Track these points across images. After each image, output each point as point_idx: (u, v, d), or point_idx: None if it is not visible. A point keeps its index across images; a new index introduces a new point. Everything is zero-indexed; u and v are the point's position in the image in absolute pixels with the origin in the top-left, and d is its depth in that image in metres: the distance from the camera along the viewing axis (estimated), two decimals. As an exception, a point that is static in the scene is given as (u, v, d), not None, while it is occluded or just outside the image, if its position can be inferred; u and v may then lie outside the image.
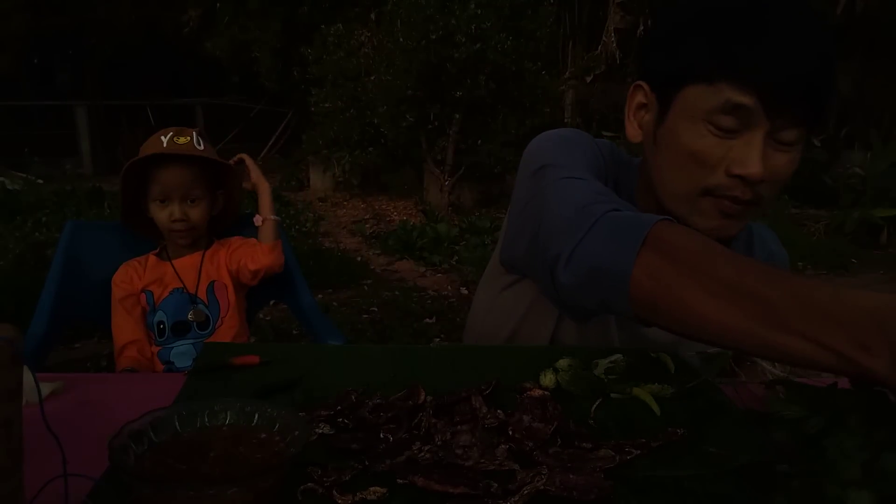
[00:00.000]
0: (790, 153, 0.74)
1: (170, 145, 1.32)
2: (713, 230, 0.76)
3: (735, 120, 0.71)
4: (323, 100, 7.41)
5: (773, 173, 0.73)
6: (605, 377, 0.74)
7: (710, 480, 0.56)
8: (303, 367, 0.80)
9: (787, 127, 0.71)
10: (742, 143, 0.72)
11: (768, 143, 0.72)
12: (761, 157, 0.71)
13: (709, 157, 0.73)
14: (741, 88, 0.70)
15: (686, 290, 0.58)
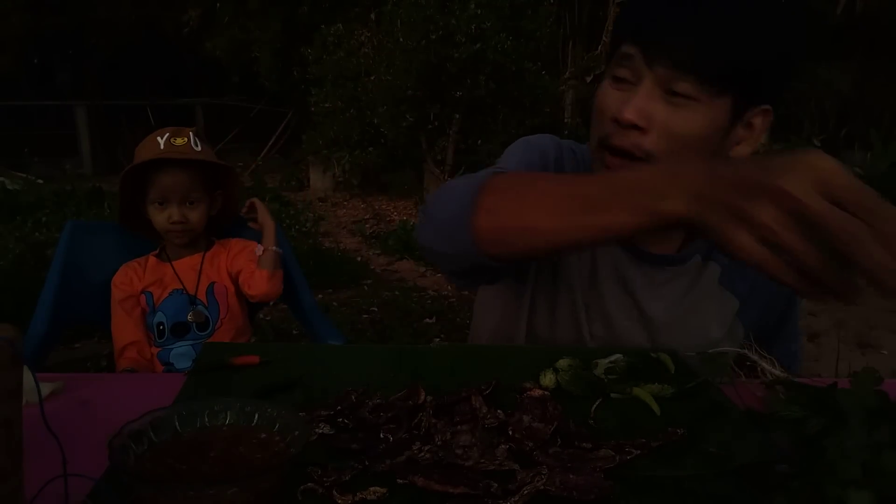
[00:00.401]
0: (685, 108, 0.73)
1: (167, 147, 1.31)
2: None
3: (627, 70, 0.75)
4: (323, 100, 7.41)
5: (662, 125, 0.73)
6: (605, 377, 0.74)
7: (710, 480, 0.56)
8: (303, 367, 0.80)
9: (676, 78, 0.72)
10: (631, 92, 0.75)
11: (660, 95, 0.74)
12: (638, 104, 0.73)
13: (606, 107, 0.77)
14: (630, 41, 0.75)
15: (520, 212, 0.65)
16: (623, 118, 0.74)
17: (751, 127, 0.80)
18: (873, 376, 0.64)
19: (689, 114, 0.73)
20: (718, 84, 0.72)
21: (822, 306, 3.84)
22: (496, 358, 0.84)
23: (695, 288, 0.92)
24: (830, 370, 2.72)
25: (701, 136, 0.75)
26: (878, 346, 3.26)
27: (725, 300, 0.93)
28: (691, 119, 0.74)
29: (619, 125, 0.75)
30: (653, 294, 0.92)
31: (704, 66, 0.71)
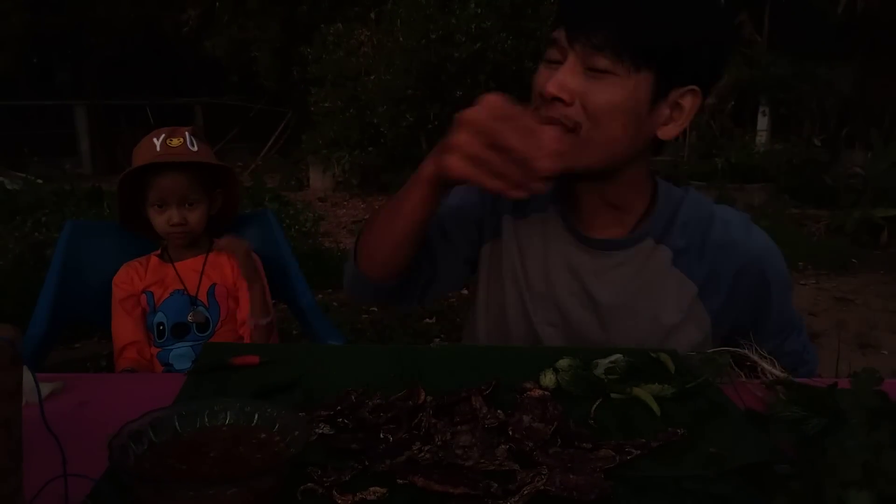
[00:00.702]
0: (603, 81, 0.78)
1: (163, 148, 1.31)
2: None
3: (555, 51, 0.82)
4: (323, 99, 7.41)
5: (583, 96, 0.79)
6: (605, 377, 0.74)
7: (710, 480, 0.56)
8: (303, 367, 0.80)
9: (592, 53, 0.78)
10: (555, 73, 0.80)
11: (581, 71, 0.79)
12: (559, 79, 0.79)
13: (538, 86, 0.83)
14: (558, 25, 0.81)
15: (371, 233, 0.89)
16: (546, 92, 0.79)
17: (679, 107, 0.84)
18: (873, 376, 0.64)
19: (607, 86, 0.78)
20: (633, 60, 0.78)
21: (822, 307, 3.84)
22: (496, 358, 0.84)
23: (644, 271, 0.92)
24: (830, 370, 2.72)
25: (621, 108, 0.79)
26: (878, 346, 3.26)
27: (681, 284, 0.91)
28: (609, 91, 0.78)
29: (545, 99, 0.80)
30: (601, 279, 0.93)
31: (618, 44, 0.77)
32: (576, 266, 0.94)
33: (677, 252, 0.91)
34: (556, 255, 0.95)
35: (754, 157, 7.03)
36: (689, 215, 0.92)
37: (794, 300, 1.01)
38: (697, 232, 0.91)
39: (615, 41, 0.77)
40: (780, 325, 0.96)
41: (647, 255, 0.92)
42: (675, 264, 0.91)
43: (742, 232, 0.92)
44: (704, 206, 0.94)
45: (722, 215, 0.94)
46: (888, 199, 5.41)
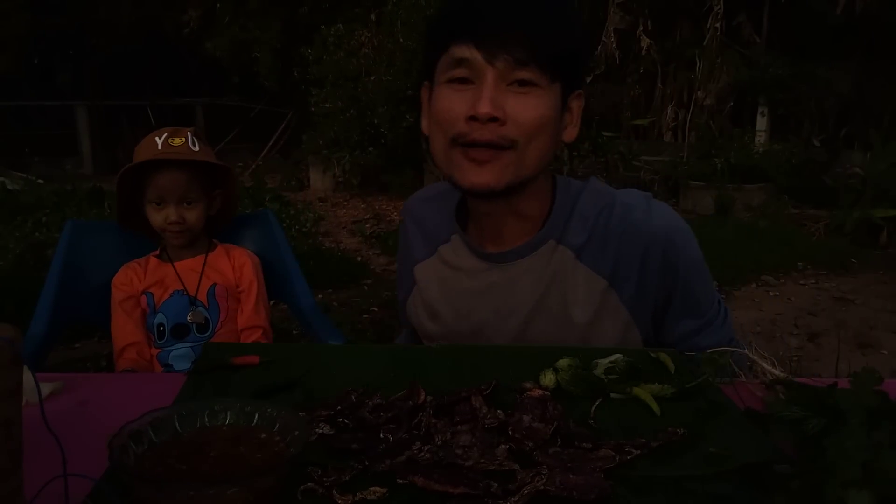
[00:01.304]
0: (530, 95, 0.80)
1: (164, 147, 1.31)
2: (473, 185, 0.83)
3: (466, 71, 0.80)
4: (323, 100, 7.41)
5: (515, 114, 0.79)
6: (605, 377, 0.74)
7: (710, 480, 0.56)
8: (303, 367, 0.80)
9: (515, 69, 0.78)
10: (475, 90, 0.80)
11: (503, 88, 0.79)
12: (490, 98, 0.78)
13: (452, 110, 0.81)
14: (462, 44, 0.79)
15: None
16: (481, 113, 0.78)
17: (571, 112, 0.87)
18: (873, 376, 0.64)
19: (535, 100, 0.80)
20: (551, 70, 0.80)
21: (822, 307, 3.85)
22: (496, 358, 0.84)
23: (550, 274, 0.91)
24: (830, 370, 2.72)
25: (548, 119, 0.82)
26: (878, 346, 3.26)
27: (588, 280, 0.90)
28: (538, 104, 0.80)
29: (476, 121, 0.79)
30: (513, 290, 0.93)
31: (540, 56, 0.78)
32: (487, 286, 0.95)
33: (578, 248, 0.91)
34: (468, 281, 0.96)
35: (753, 158, 7.02)
36: (587, 208, 0.92)
37: (793, 299, 0.99)
38: (597, 223, 0.90)
39: (538, 54, 0.78)
40: (689, 307, 0.92)
41: (549, 257, 0.92)
42: (580, 260, 0.91)
43: (641, 213, 0.90)
44: (604, 194, 0.93)
45: (623, 199, 0.92)
46: (887, 199, 5.41)
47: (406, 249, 1.06)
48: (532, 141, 0.81)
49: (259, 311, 1.42)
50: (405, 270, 1.06)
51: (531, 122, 0.80)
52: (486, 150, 0.80)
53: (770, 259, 4.68)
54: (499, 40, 0.78)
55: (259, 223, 1.61)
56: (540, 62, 0.78)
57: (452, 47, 0.80)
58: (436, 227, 1.00)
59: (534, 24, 0.78)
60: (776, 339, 3.30)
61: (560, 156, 6.92)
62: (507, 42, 0.77)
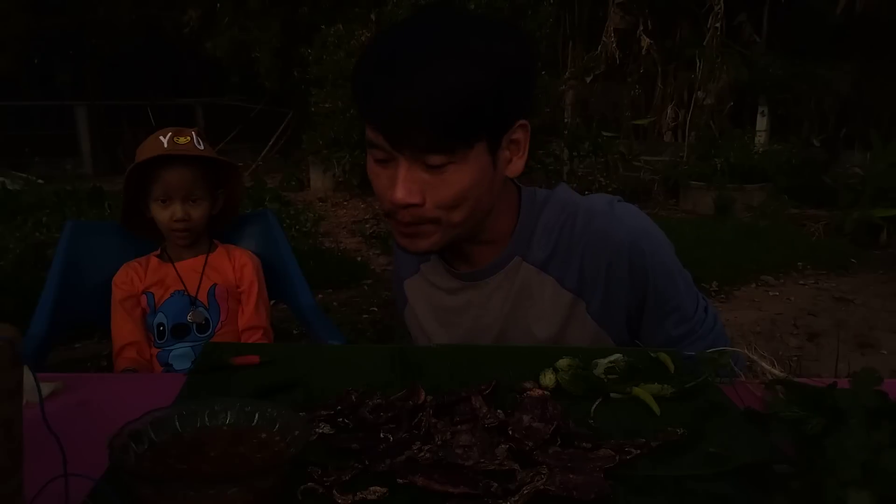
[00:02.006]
0: (444, 174, 0.77)
1: (170, 145, 1.32)
2: (407, 247, 0.85)
3: (381, 152, 0.79)
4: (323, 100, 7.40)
5: (433, 195, 0.78)
6: (605, 377, 0.74)
7: (710, 480, 0.56)
8: (303, 367, 0.80)
9: (424, 154, 0.76)
10: (393, 172, 0.79)
11: (419, 169, 0.77)
12: (404, 185, 0.77)
13: (377, 187, 0.82)
14: (372, 126, 0.79)
15: None
16: (397, 200, 0.78)
17: (515, 143, 0.84)
18: (873, 376, 0.64)
19: (453, 175, 0.78)
20: (464, 143, 0.76)
21: (822, 307, 3.85)
22: (496, 358, 0.85)
23: (518, 289, 0.91)
24: (830, 370, 2.72)
25: (470, 187, 0.79)
26: (878, 346, 3.26)
27: (556, 294, 0.90)
28: (457, 179, 0.78)
29: (395, 205, 0.79)
30: (487, 307, 0.94)
31: (444, 141, 0.75)
32: (465, 303, 0.96)
33: (542, 263, 0.90)
34: (448, 299, 0.98)
35: (753, 158, 7.02)
36: (550, 221, 0.90)
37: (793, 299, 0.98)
38: (561, 235, 0.89)
39: (442, 140, 0.75)
40: (665, 312, 0.90)
41: (515, 274, 0.91)
42: (546, 273, 0.90)
43: (604, 221, 0.88)
44: (567, 204, 0.91)
45: (588, 206, 0.90)
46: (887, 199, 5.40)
47: (396, 265, 1.08)
48: (457, 210, 0.80)
49: (260, 311, 1.42)
50: (397, 285, 1.08)
51: (450, 199, 0.79)
52: (411, 226, 0.82)
53: (770, 259, 4.69)
54: (401, 132, 0.76)
55: (259, 223, 1.61)
56: (446, 146, 0.76)
57: (368, 126, 0.80)
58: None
59: (430, 111, 0.73)
60: (776, 339, 3.30)
61: (560, 156, 6.93)
62: (409, 133, 0.75)
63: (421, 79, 0.73)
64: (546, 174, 6.36)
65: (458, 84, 0.74)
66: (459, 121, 0.75)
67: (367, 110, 0.79)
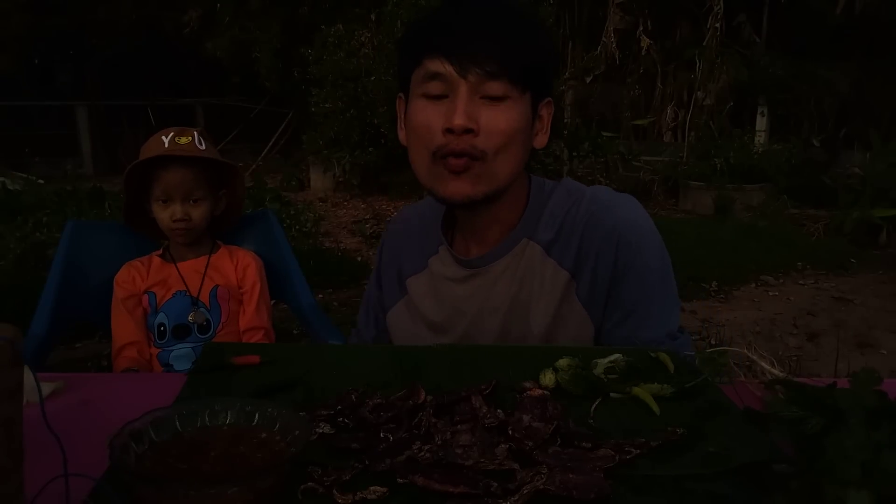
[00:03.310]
0: (501, 107, 0.83)
1: (171, 145, 1.32)
2: (452, 195, 0.87)
3: (440, 85, 0.83)
4: (323, 100, 7.40)
5: (487, 125, 0.83)
6: (605, 377, 0.74)
7: (710, 480, 0.56)
8: (303, 367, 0.80)
9: (486, 81, 0.82)
10: (450, 103, 0.83)
11: (476, 100, 0.83)
12: (465, 111, 0.81)
13: (430, 123, 0.85)
14: (435, 58, 0.82)
15: None
16: (456, 126, 0.81)
17: (541, 119, 0.92)
18: (873, 376, 0.64)
19: (506, 111, 0.84)
20: (522, 81, 0.83)
21: (821, 307, 3.85)
22: (496, 358, 0.85)
23: (523, 270, 0.94)
24: (830, 370, 2.72)
25: (519, 129, 0.85)
26: (878, 346, 3.26)
27: (555, 273, 0.92)
28: (508, 116, 0.84)
29: (452, 133, 0.82)
30: (494, 290, 0.95)
31: (510, 69, 0.82)
32: (474, 289, 0.97)
33: (547, 244, 0.93)
34: (457, 288, 0.99)
35: (753, 158, 7.03)
36: (557, 205, 0.95)
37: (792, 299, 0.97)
38: (566, 218, 0.93)
39: (508, 67, 0.82)
40: (628, 318, 0.91)
41: (522, 255, 0.94)
42: (549, 255, 0.93)
43: (603, 205, 0.92)
44: (574, 192, 0.96)
45: (592, 193, 0.95)
46: (887, 199, 5.40)
47: (395, 260, 1.08)
48: (501, 152, 0.85)
49: (261, 312, 1.43)
50: (391, 279, 1.07)
51: (503, 132, 0.84)
52: (461, 159, 0.84)
53: (769, 259, 4.69)
54: (470, 55, 0.81)
55: (259, 223, 1.61)
56: (510, 75, 0.82)
57: (426, 61, 0.84)
58: (428, 240, 1.03)
59: (503, 39, 0.82)
60: (775, 339, 3.30)
61: (560, 156, 6.93)
62: (477, 56, 0.81)
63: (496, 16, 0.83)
64: (546, 174, 6.35)
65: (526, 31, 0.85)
66: (525, 59, 0.83)
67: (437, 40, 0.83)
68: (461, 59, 0.81)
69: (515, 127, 0.85)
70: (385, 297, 1.08)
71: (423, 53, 0.84)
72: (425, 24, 0.87)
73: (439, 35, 0.83)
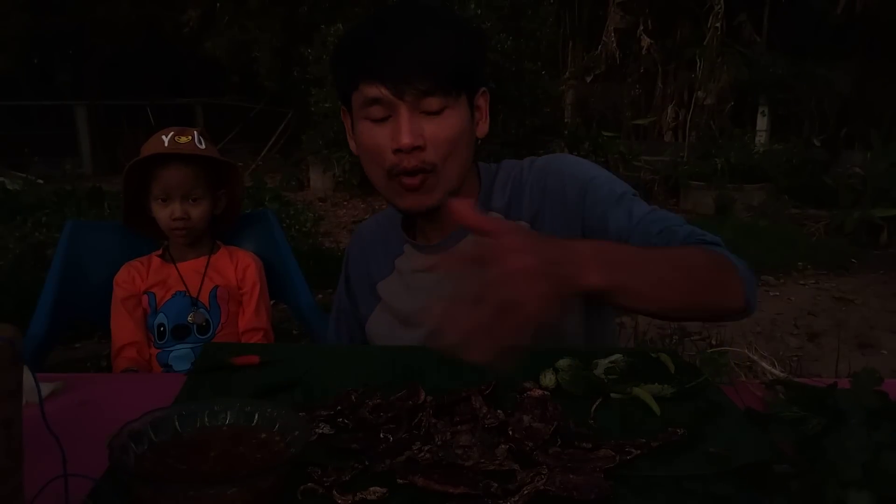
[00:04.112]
0: (441, 118, 0.87)
1: (171, 145, 1.32)
2: (411, 207, 0.92)
3: (380, 108, 0.87)
4: (323, 100, 7.40)
5: (433, 138, 0.87)
6: (605, 377, 0.74)
7: (710, 480, 0.56)
8: (303, 367, 0.80)
9: (423, 99, 0.86)
10: (394, 124, 0.87)
11: (417, 115, 0.86)
12: (409, 130, 0.85)
13: (377, 145, 0.88)
14: (370, 84, 0.86)
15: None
16: (404, 145, 0.85)
17: (480, 109, 0.96)
18: (873, 377, 0.64)
19: (446, 121, 0.88)
20: (455, 88, 0.88)
21: (822, 307, 3.85)
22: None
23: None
24: (831, 370, 2.72)
25: (461, 133, 0.90)
26: (878, 346, 3.26)
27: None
28: (450, 124, 0.88)
29: (402, 152, 0.86)
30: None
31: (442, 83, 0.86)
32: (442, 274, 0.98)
33: (503, 210, 0.98)
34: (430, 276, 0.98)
35: (753, 158, 7.02)
36: (503, 176, 1.01)
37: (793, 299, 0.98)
38: (515, 184, 0.99)
39: (440, 82, 0.86)
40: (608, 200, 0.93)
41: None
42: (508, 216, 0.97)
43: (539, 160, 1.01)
44: (516, 163, 1.03)
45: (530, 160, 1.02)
46: (888, 199, 5.41)
47: (363, 271, 1.10)
48: (449, 159, 0.89)
49: (260, 313, 1.43)
50: (363, 290, 1.10)
51: (448, 140, 0.88)
52: (416, 178, 0.88)
53: (770, 259, 4.68)
54: (402, 77, 0.85)
55: (259, 223, 1.61)
56: (443, 89, 0.86)
57: (362, 86, 0.87)
58: (392, 244, 1.07)
59: (430, 56, 0.85)
60: (776, 339, 3.30)
61: (560, 155, 6.91)
62: (409, 77, 0.84)
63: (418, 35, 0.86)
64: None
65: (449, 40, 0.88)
66: (453, 68, 0.87)
67: (369, 66, 0.86)
68: (395, 82, 0.85)
69: (458, 133, 0.89)
70: (360, 307, 1.11)
71: (358, 78, 0.87)
72: (355, 47, 0.89)
73: (370, 60, 0.86)
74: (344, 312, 1.14)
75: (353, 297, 1.12)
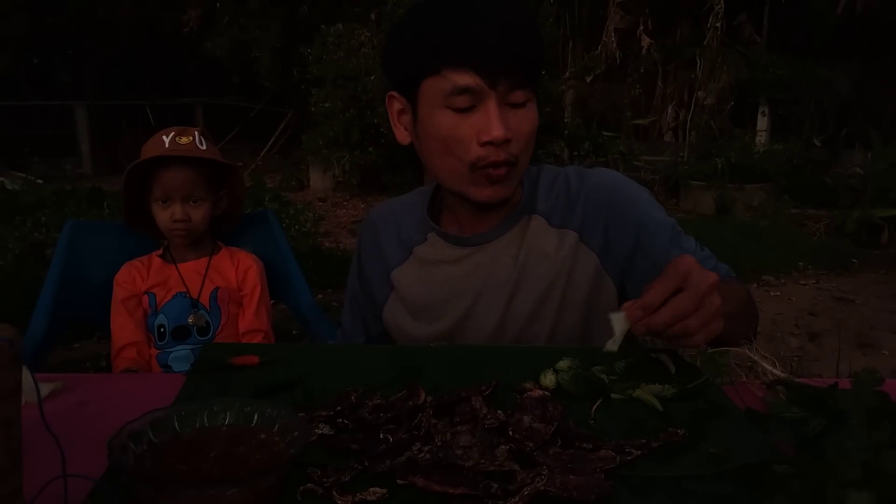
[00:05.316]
0: (524, 110, 0.88)
1: (172, 145, 1.32)
2: (490, 198, 0.91)
3: (467, 98, 0.84)
4: (323, 100, 7.41)
5: (517, 132, 0.87)
6: (605, 377, 0.74)
7: (710, 480, 0.56)
8: (303, 367, 0.80)
9: (511, 90, 0.85)
10: (480, 115, 0.85)
11: (503, 108, 0.85)
12: (500, 121, 0.84)
13: (461, 136, 0.86)
14: (461, 70, 0.83)
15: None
16: (497, 138, 0.84)
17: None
18: (873, 376, 0.64)
19: (528, 113, 0.89)
20: (534, 84, 0.89)
21: (822, 307, 3.85)
22: (496, 358, 0.84)
23: (528, 240, 0.97)
24: (831, 370, 2.72)
25: (535, 127, 0.90)
26: (879, 346, 3.26)
27: (561, 237, 0.96)
28: (530, 117, 0.89)
29: (492, 145, 0.85)
30: (497, 264, 0.98)
31: (531, 76, 0.87)
32: (473, 267, 0.99)
33: (547, 214, 0.98)
34: (452, 269, 1.00)
35: (754, 158, 7.02)
36: (545, 182, 1.01)
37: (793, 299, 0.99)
38: (559, 191, 0.99)
39: (529, 75, 0.87)
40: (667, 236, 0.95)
41: (525, 228, 0.98)
42: (550, 224, 0.98)
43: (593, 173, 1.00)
44: (553, 169, 1.03)
45: (572, 168, 1.03)
46: (888, 199, 5.40)
47: (376, 258, 1.08)
48: (525, 152, 0.90)
49: (261, 314, 1.42)
50: (378, 277, 1.08)
51: (529, 134, 0.89)
52: (502, 169, 0.88)
53: (770, 259, 4.68)
54: (500, 68, 0.83)
55: (259, 223, 1.61)
56: (530, 82, 0.87)
57: (447, 72, 0.84)
58: (409, 231, 1.05)
59: (523, 48, 0.85)
60: (777, 339, 3.30)
61: (560, 155, 6.92)
62: (507, 69, 0.83)
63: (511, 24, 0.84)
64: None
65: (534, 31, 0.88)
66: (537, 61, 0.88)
67: (463, 52, 0.83)
68: (490, 72, 0.82)
69: (534, 126, 0.90)
70: (375, 296, 1.09)
71: (444, 64, 0.83)
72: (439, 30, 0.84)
73: (467, 47, 0.82)
74: (356, 298, 1.12)
75: (365, 284, 1.10)
